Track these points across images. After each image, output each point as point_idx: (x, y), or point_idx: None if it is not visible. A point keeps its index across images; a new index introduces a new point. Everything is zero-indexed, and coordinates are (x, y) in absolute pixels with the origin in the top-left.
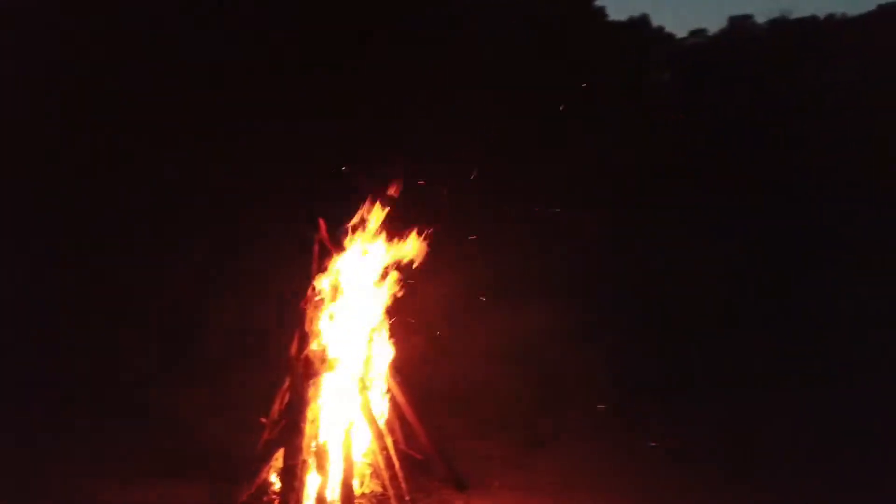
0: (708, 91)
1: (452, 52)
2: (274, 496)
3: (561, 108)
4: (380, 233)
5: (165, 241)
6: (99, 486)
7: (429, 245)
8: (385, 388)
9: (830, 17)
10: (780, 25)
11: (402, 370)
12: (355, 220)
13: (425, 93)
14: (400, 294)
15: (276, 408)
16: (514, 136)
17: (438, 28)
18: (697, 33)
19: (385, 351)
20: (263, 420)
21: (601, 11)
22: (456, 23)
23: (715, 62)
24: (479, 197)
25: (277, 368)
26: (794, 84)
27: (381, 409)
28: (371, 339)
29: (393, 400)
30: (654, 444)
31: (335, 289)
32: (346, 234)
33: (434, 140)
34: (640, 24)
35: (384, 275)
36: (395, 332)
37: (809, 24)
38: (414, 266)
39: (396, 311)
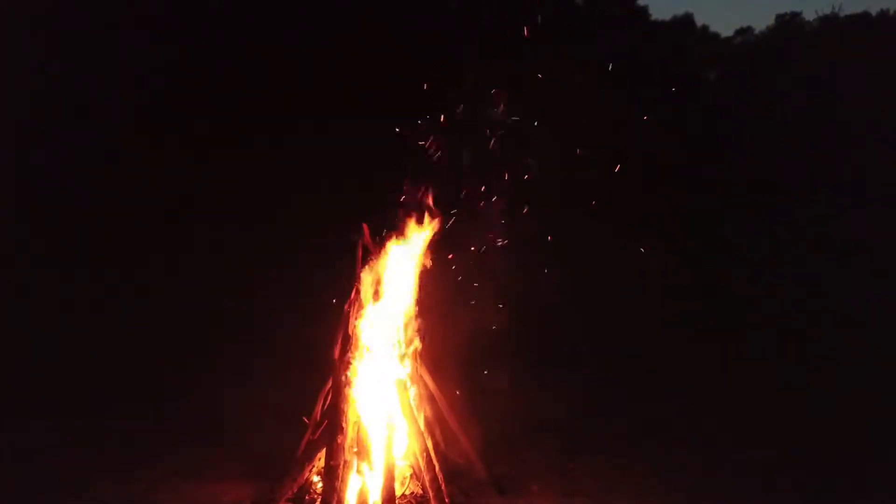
0: (757, 91)
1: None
2: (315, 496)
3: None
4: (418, 239)
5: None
6: (144, 484)
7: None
8: (426, 391)
9: (883, 14)
10: (831, 22)
11: (444, 374)
12: (396, 225)
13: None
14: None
15: (318, 409)
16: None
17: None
18: (744, 32)
19: (426, 354)
20: (306, 420)
21: (643, 11)
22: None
23: (763, 61)
24: (530, 203)
25: (320, 370)
26: (845, 83)
27: (422, 412)
28: (412, 342)
29: (433, 403)
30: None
31: (376, 291)
32: (387, 238)
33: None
34: (684, 24)
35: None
36: (436, 335)
37: (861, 21)
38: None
39: (439, 313)
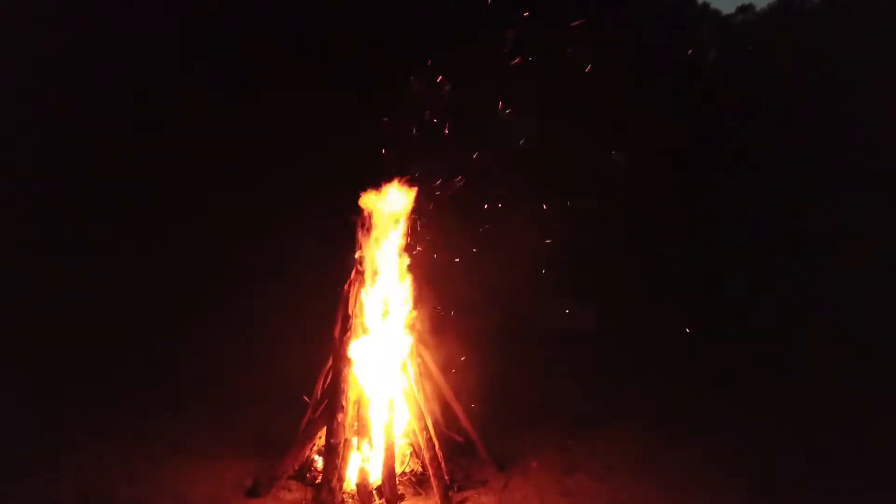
0: (758, 69)
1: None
2: (316, 474)
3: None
4: (411, 220)
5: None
6: (147, 462)
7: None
8: (425, 369)
9: None
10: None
11: (444, 353)
12: (392, 206)
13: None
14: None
15: (318, 387)
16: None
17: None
18: (745, 9)
19: (426, 333)
20: (307, 399)
21: None
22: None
23: (764, 39)
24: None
25: (321, 349)
26: (848, 62)
27: (421, 391)
28: (412, 323)
29: (432, 381)
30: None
31: (375, 272)
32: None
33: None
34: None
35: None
36: (435, 315)
37: None
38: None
39: (438, 293)
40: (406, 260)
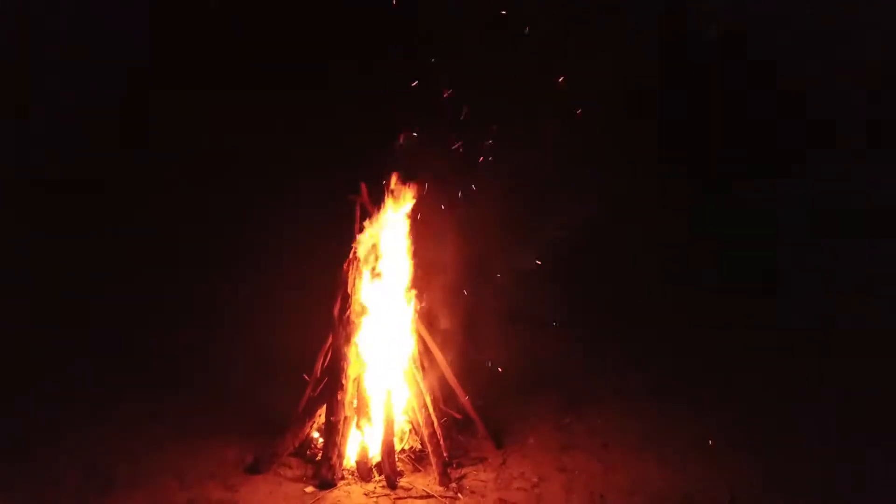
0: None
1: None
2: (317, 451)
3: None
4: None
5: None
6: (148, 441)
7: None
8: (424, 347)
9: None
10: None
11: (442, 330)
12: (393, 184)
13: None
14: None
15: (318, 366)
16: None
17: None
18: None
19: (424, 311)
20: (306, 378)
21: None
22: None
23: None
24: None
25: (320, 328)
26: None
27: (420, 369)
28: (411, 299)
29: (431, 359)
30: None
31: (375, 250)
32: (385, 197)
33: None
34: None
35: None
36: (433, 292)
37: None
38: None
39: (434, 270)
40: (407, 238)
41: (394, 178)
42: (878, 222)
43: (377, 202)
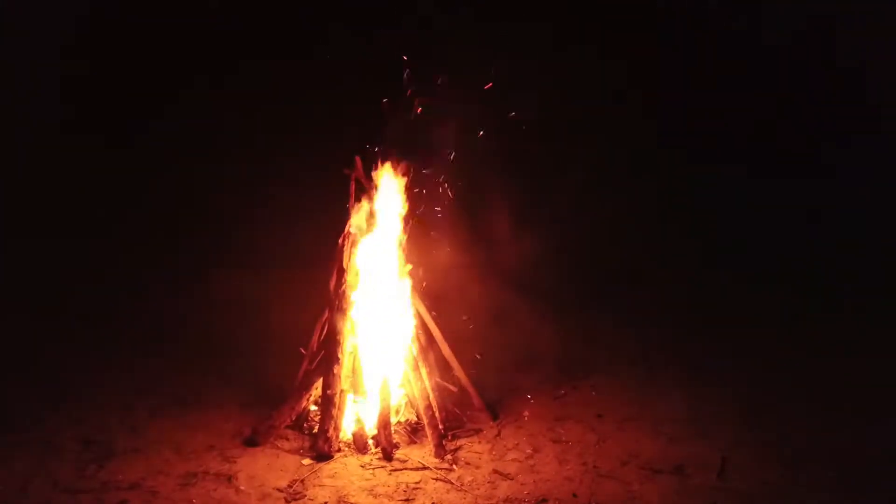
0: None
1: None
2: (313, 423)
3: None
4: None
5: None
6: (147, 412)
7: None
8: (420, 320)
9: None
10: None
11: (437, 304)
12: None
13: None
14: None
15: (315, 340)
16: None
17: None
18: None
19: (420, 284)
20: (303, 351)
21: None
22: None
23: None
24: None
25: (316, 302)
26: None
27: (416, 342)
28: (406, 273)
29: (427, 333)
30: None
31: (370, 224)
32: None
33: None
34: None
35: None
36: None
37: None
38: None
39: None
40: (404, 213)
41: (388, 152)
42: None
43: (371, 176)
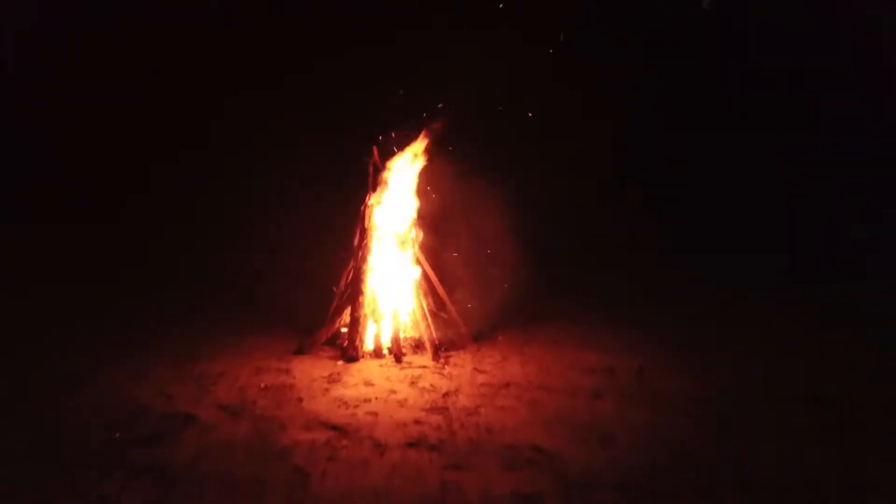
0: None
1: None
2: (343, 340)
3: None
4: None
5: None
6: (209, 336)
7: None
8: (422, 269)
9: None
10: None
11: (433, 255)
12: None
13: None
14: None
15: (343, 282)
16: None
17: None
18: None
19: (420, 237)
20: (335, 290)
21: None
22: None
23: None
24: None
25: (344, 254)
26: None
27: (420, 285)
28: (411, 230)
29: (427, 279)
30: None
31: (386, 194)
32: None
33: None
34: None
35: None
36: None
37: None
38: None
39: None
40: (415, 181)
41: (405, 134)
42: None
43: (387, 158)
